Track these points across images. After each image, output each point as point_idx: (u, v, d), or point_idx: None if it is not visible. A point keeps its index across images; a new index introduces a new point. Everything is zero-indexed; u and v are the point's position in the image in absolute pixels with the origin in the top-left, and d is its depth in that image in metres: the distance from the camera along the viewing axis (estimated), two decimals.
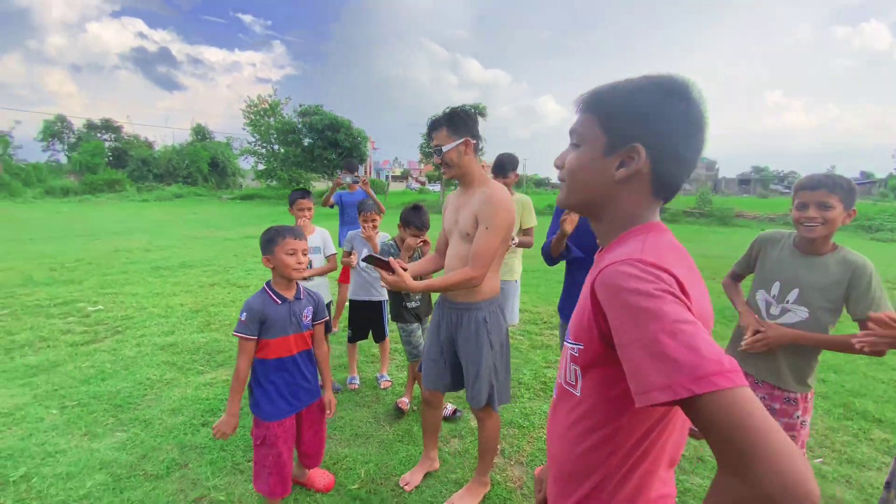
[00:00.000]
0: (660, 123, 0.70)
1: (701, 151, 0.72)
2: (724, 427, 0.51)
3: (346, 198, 4.41)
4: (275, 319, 1.78)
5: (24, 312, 4.80)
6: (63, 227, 13.02)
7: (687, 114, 0.69)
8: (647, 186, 0.74)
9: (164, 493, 2.12)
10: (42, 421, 2.71)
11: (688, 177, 0.74)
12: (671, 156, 0.71)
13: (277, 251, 1.78)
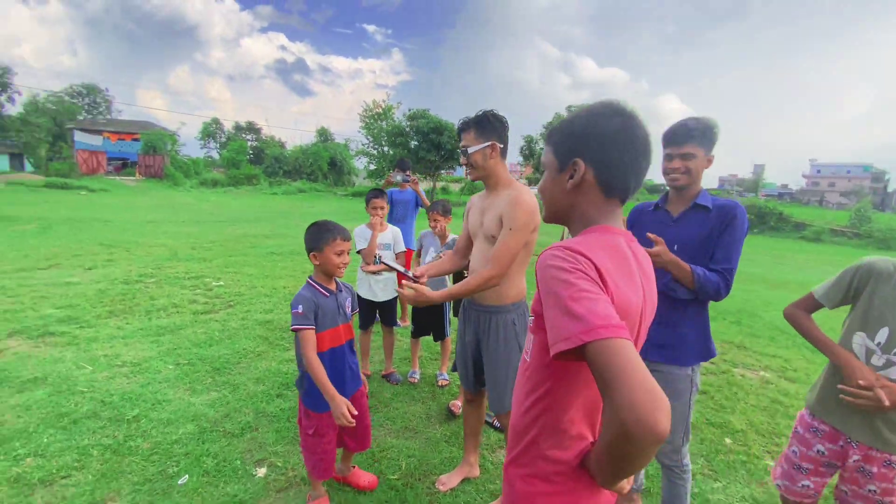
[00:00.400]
0: (592, 140, 0.86)
1: (641, 155, 0.86)
2: (602, 367, 0.65)
3: (395, 195, 4.55)
4: (326, 311, 1.85)
5: (165, 282, 5.78)
6: (208, 212, 15.41)
7: (618, 129, 0.85)
8: (596, 190, 0.89)
9: (235, 449, 2.41)
10: (159, 373, 3.25)
11: (636, 178, 0.88)
12: (609, 163, 0.86)
13: (327, 250, 1.84)
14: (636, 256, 0.91)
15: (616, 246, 0.86)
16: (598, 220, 0.90)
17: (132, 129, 34.01)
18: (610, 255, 0.82)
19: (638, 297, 0.85)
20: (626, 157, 0.85)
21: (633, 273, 0.86)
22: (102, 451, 2.31)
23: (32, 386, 2.92)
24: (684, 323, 1.73)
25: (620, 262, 0.84)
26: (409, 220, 4.54)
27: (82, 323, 4.16)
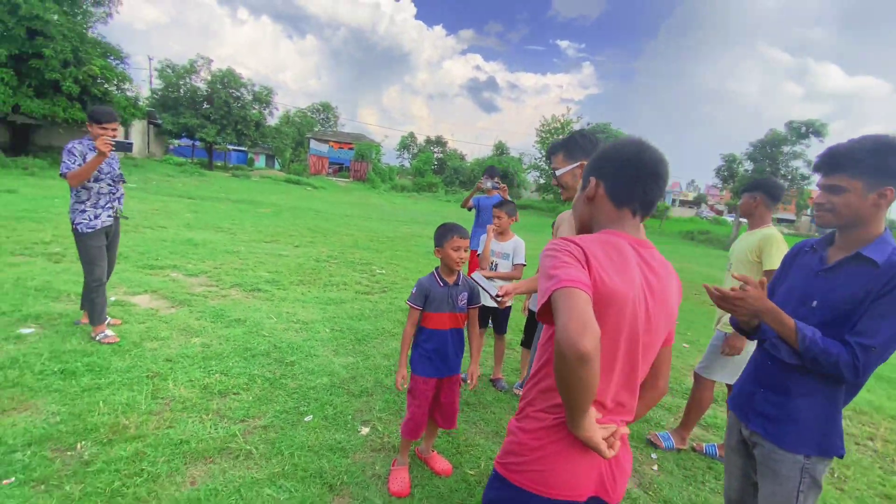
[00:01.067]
0: (606, 162, 1.10)
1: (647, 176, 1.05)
2: (555, 307, 0.86)
3: (482, 201, 4.66)
4: (435, 297, 2.13)
5: (344, 265, 6.92)
6: (391, 213, 17.70)
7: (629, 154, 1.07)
8: (608, 202, 1.09)
9: (351, 407, 2.79)
10: (318, 333, 3.95)
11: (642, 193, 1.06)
12: (616, 180, 1.08)
13: (446, 246, 2.12)
14: (644, 259, 1.04)
15: (614, 243, 1.02)
16: (607, 225, 1.09)
17: (349, 140, 41.31)
18: (603, 247, 0.99)
19: (629, 289, 0.97)
20: (631, 177, 1.06)
21: (626, 267, 0.99)
22: (263, 382, 2.96)
23: (236, 324, 3.89)
24: (796, 396, 1.38)
25: (613, 255, 0.99)
26: None
27: (280, 286, 5.31)
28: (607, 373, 0.99)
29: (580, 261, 0.93)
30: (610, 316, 0.95)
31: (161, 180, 17.40)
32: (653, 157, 1.04)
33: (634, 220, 1.08)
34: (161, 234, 7.31)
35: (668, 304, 1.05)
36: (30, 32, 13.85)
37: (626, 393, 1.04)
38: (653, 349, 1.06)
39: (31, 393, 2.53)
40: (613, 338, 0.97)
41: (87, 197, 3.23)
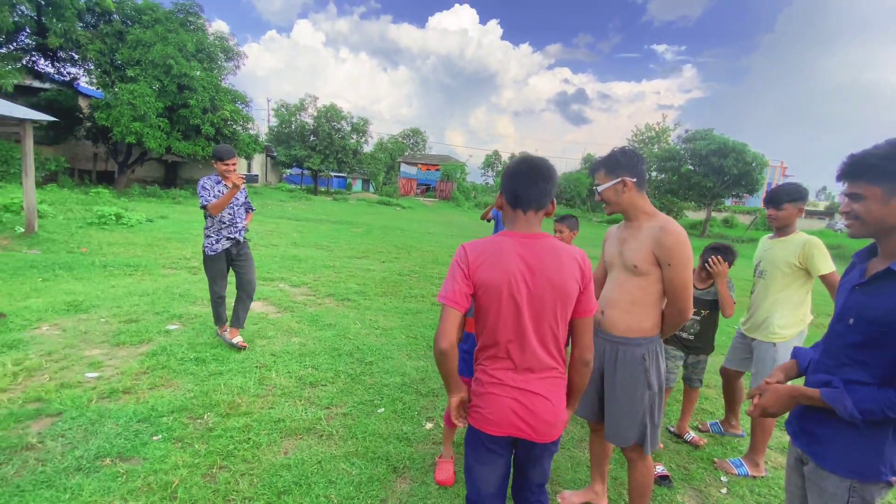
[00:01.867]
0: (502, 179, 1.49)
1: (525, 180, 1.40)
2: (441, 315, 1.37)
3: (499, 216, 4.57)
4: None
5: (423, 279, 7.38)
6: (472, 229, 18.12)
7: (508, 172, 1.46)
8: (508, 207, 1.46)
9: (418, 404, 3.09)
10: (395, 339, 4.35)
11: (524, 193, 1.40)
12: (507, 189, 1.44)
13: None
14: (528, 248, 1.37)
15: (496, 241, 1.39)
16: (508, 225, 1.45)
17: (436, 162, 43.11)
18: (483, 248, 1.38)
19: (502, 275, 1.35)
20: (515, 183, 1.42)
21: (500, 259, 1.36)
22: (346, 377, 3.39)
23: (328, 328, 4.45)
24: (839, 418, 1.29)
25: (489, 252, 1.37)
26: None
27: (366, 296, 5.88)
28: (503, 340, 1.39)
29: (462, 267, 1.37)
30: (491, 298, 1.35)
31: (275, 205, 19.83)
32: (530, 165, 1.40)
33: (527, 216, 1.41)
34: (273, 252, 8.44)
35: (551, 280, 1.35)
36: (179, 87, 16.92)
37: (529, 354, 1.38)
38: (544, 317, 1.36)
39: (174, 374, 3.22)
40: (498, 313, 1.36)
41: (211, 224, 3.69)
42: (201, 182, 3.64)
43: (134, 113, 15.59)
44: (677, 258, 1.71)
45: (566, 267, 1.38)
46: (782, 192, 2.63)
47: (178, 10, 18.08)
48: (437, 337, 1.32)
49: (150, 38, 16.53)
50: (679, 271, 1.72)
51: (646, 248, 1.77)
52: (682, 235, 1.73)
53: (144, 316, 4.35)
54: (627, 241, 1.87)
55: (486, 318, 1.39)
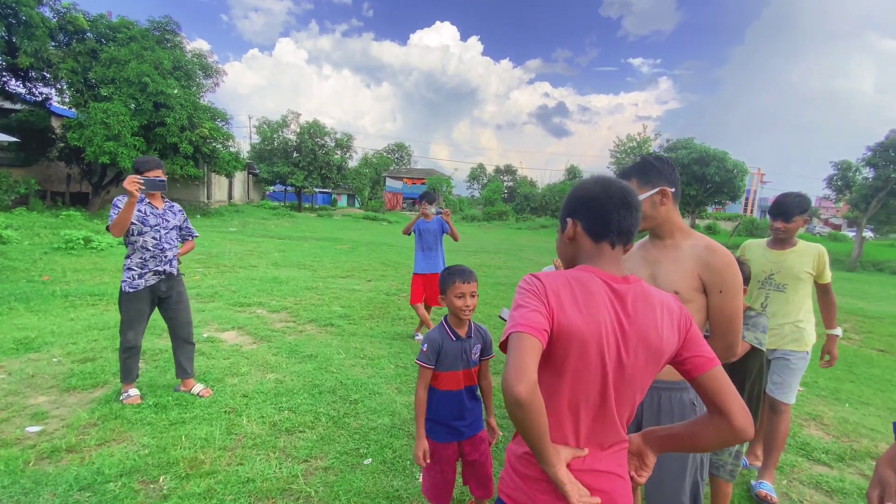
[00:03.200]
0: (575, 204, 1.13)
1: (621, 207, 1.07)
2: (508, 349, 0.93)
3: (422, 225, 4.81)
4: (448, 354, 1.88)
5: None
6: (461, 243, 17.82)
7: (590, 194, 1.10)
8: (586, 238, 1.10)
9: (410, 451, 2.72)
10: (383, 370, 3.98)
11: (616, 223, 1.07)
12: (590, 217, 1.09)
13: (449, 293, 1.89)
14: (618, 295, 1.02)
15: (583, 279, 1.02)
16: (585, 261, 1.10)
17: (421, 175, 42.99)
18: (568, 284, 1.01)
19: (593, 325, 0.97)
20: (603, 211, 1.07)
21: (592, 304, 0.99)
22: (328, 420, 3.01)
23: (308, 360, 4.06)
24: None
25: (578, 291, 1.01)
26: (438, 248, 4.83)
27: (351, 320, 5.50)
28: (572, 409, 1.01)
29: (542, 299, 0.97)
30: (572, 350, 0.97)
31: (257, 223, 19.31)
32: (620, 188, 1.09)
33: (614, 252, 1.09)
34: (252, 273, 8.01)
35: (647, 339, 1.00)
36: (155, 105, 16.45)
37: (602, 428, 1.03)
38: (631, 385, 1.02)
39: (128, 425, 2.80)
40: (578, 374, 0.99)
41: (132, 252, 3.03)
42: (115, 200, 2.96)
43: (107, 132, 15.07)
44: (730, 283, 1.46)
45: (663, 320, 1.04)
46: (792, 206, 2.57)
47: (154, 28, 17.73)
48: (511, 378, 0.87)
49: (125, 55, 16.11)
50: (731, 298, 1.46)
51: (690, 272, 1.49)
52: (731, 257, 1.48)
53: (102, 353, 3.91)
54: (661, 263, 1.58)
55: (555, 375, 1.00)
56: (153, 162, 3.05)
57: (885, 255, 21.04)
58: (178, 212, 3.32)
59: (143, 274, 3.06)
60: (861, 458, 3.02)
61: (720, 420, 0.98)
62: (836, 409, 3.83)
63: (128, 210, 2.84)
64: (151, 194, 3.13)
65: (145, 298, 3.09)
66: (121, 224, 2.86)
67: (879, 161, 19.54)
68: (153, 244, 3.08)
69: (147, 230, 3.05)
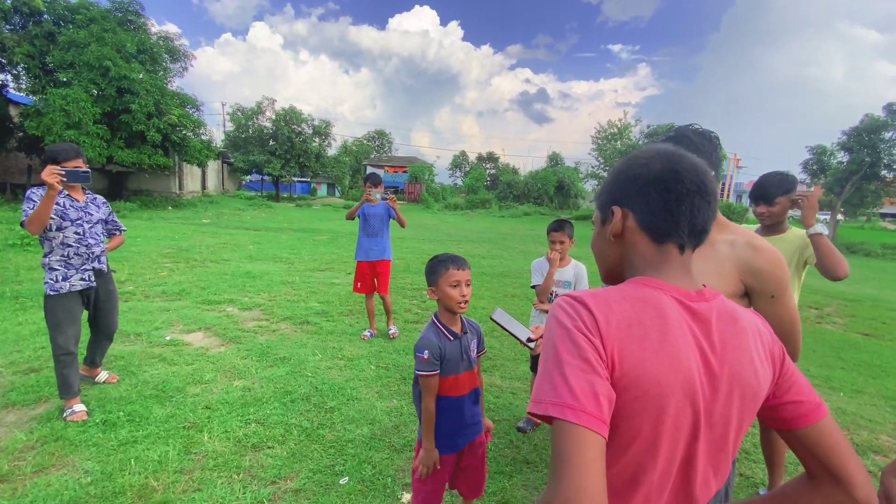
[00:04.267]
0: (629, 183, 0.79)
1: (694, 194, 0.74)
2: (554, 447, 0.62)
3: (368, 210, 4.52)
4: (449, 357, 1.70)
5: (393, 291, 6.72)
6: (444, 232, 17.58)
7: (659, 169, 0.76)
8: (643, 236, 0.78)
9: (392, 465, 2.47)
10: (362, 372, 3.71)
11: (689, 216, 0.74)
12: (648, 205, 0.76)
13: (441, 283, 1.69)
14: (699, 320, 0.71)
15: (651, 303, 0.70)
16: (643, 270, 0.78)
17: (403, 164, 42.32)
18: (632, 314, 0.68)
19: (673, 371, 0.66)
20: (670, 199, 0.75)
21: (669, 340, 0.67)
22: (300, 433, 2.74)
23: (280, 363, 3.76)
24: None
25: (649, 324, 0.68)
26: (385, 234, 4.59)
27: (329, 317, 5.20)
28: (647, 476, 0.68)
29: (595, 346, 0.64)
30: (646, 412, 0.65)
31: (232, 214, 18.64)
32: (693, 167, 0.75)
33: (683, 259, 0.77)
34: (224, 268, 7.59)
35: (740, 378, 0.71)
36: (119, 91, 15.56)
37: (688, 494, 0.72)
38: (725, 439, 0.72)
39: (70, 447, 2.48)
40: (653, 434, 0.66)
41: (50, 250, 2.74)
42: (28, 192, 2.66)
43: (68, 120, 14.20)
44: (784, 286, 1.22)
45: (757, 350, 0.74)
46: (772, 186, 2.24)
47: (115, 9, 16.69)
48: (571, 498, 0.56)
49: (85, 38, 15.15)
50: (786, 303, 1.23)
51: (729, 275, 1.24)
52: (777, 254, 1.24)
53: (49, 363, 3.52)
54: (695, 262, 1.31)
55: (625, 438, 0.67)
56: (72, 150, 2.73)
57: (857, 236, 21.60)
58: (103, 204, 3.08)
59: (67, 276, 2.80)
60: (863, 452, 2.90)
61: (832, 489, 0.71)
62: (832, 399, 3.73)
63: (46, 204, 2.53)
64: (71, 186, 2.81)
65: (74, 298, 2.84)
66: (38, 220, 2.55)
67: (854, 145, 19.94)
68: (75, 239, 2.81)
69: (67, 224, 2.78)
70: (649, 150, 0.80)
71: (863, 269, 14.30)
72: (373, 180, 4.43)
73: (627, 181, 0.79)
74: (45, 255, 2.79)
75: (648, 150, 0.80)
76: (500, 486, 2.36)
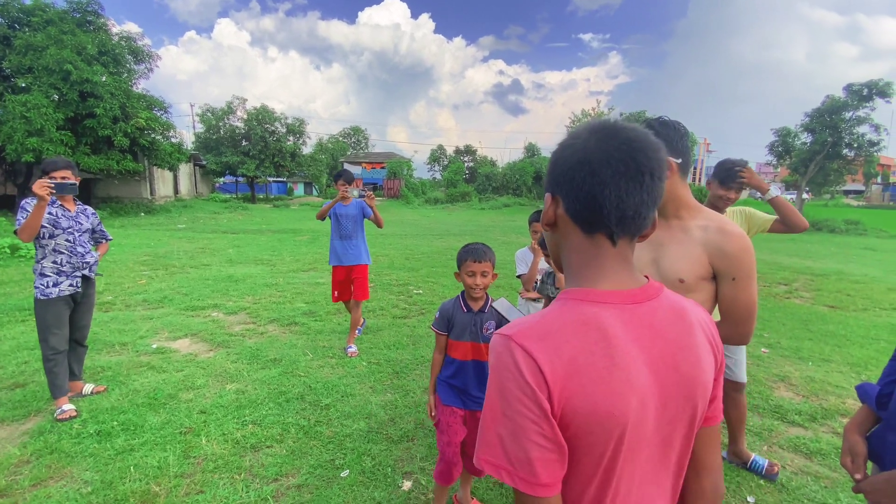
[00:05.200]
0: (558, 166, 0.72)
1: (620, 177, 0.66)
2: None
3: (340, 210, 4.23)
4: (457, 323, 2.01)
5: (380, 287, 6.77)
6: (426, 227, 17.61)
7: (584, 148, 0.69)
8: (572, 227, 0.72)
9: (391, 456, 2.55)
10: (354, 368, 3.76)
11: (619, 205, 0.67)
12: (572, 192, 0.69)
13: (462, 270, 1.99)
14: (644, 327, 0.68)
15: (588, 323, 0.65)
16: (582, 273, 0.72)
17: (381, 160, 42.00)
18: (574, 344, 0.64)
19: (620, 403, 0.63)
20: (592, 183, 0.67)
21: (615, 361, 0.64)
22: (297, 431, 2.78)
23: (271, 365, 3.78)
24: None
25: (591, 347, 0.64)
26: (359, 236, 4.30)
27: (317, 317, 5.21)
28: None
29: (536, 398, 0.60)
30: (593, 440, 0.63)
31: (208, 218, 18.25)
32: (626, 141, 0.66)
33: (618, 251, 0.70)
34: (204, 273, 7.48)
35: (687, 384, 0.69)
36: (82, 95, 15.01)
37: None
38: (671, 449, 0.72)
39: (67, 459, 2.47)
40: (597, 461, 0.64)
41: (43, 256, 2.90)
42: (21, 202, 2.81)
43: (29, 127, 13.64)
44: (746, 270, 1.30)
45: (701, 343, 0.73)
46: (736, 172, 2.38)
47: (73, 10, 16.06)
48: None
49: (42, 41, 14.55)
50: (746, 286, 1.31)
51: (699, 258, 1.33)
52: (747, 240, 1.32)
53: (34, 377, 3.47)
54: (666, 246, 1.39)
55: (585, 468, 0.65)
56: (61, 162, 2.92)
57: (822, 214, 22.52)
58: (92, 215, 3.23)
59: (58, 282, 2.94)
60: (832, 416, 3.11)
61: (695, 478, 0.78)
62: (801, 369, 3.96)
63: (37, 214, 2.73)
64: (63, 197, 2.97)
65: (63, 302, 2.98)
66: (30, 229, 2.75)
67: (816, 126, 20.70)
68: (67, 247, 2.97)
69: (59, 233, 2.94)
70: (588, 125, 0.71)
71: (827, 244, 14.95)
72: (345, 177, 4.21)
73: (557, 163, 0.72)
74: (37, 260, 2.93)
75: (587, 125, 0.72)
76: None
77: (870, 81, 19.33)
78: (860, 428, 1.30)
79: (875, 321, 5.55)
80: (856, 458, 1.25)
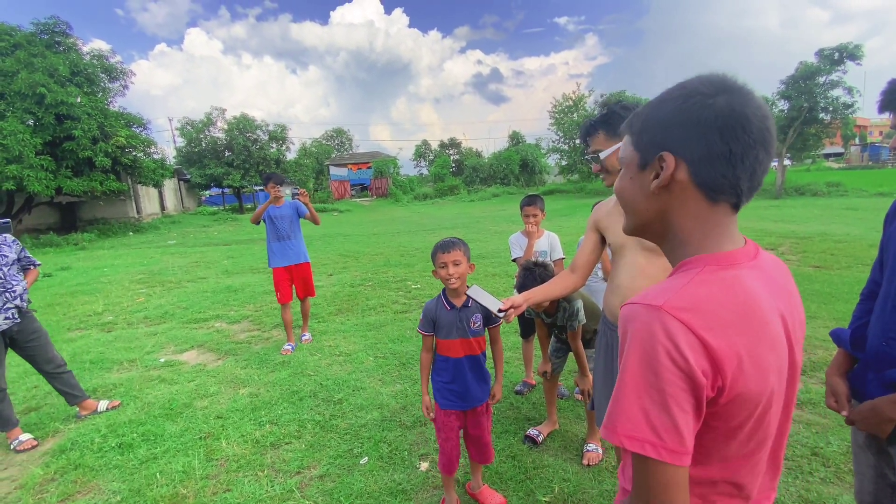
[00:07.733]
0: (687, 127, 0.65)
1: (758, 145, 0.64)
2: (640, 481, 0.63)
3: (273, 212, 4.25)
4: (443, 322, 1.97)
5: (379, 286, 6.86)
6: (417, 223, 17.68)
7: (723, 112, 0.63)
8: (695, 192, 0.68)
9: (406, 440, 2.65)
10: (362, 364, 3.85)
11: (751, 175, 0.65)
12: (710, 157, 0.65)
13: (435, 265, 1.97)
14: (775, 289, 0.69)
15: (735, 291, 0.64)
16: (704, 242, 0.69)
17: (366, 160, 41.82)
18: (731, 317, 0.62)
19: (769, 376, 0.64)
20: (735, 149, 0.63)
21: (764, 327, 0.64)
22: (314, 426, 2.88)
23: (280, 367, 3.86)
24: None
25: (744, 318, 0.63)
26: (296, 235, 4.36)
27: (319, 318, 5.29)
28: (750, 470, 0.70)
29: (693, 378, 0.59)
30: (744, 417, 0.65)
31: (197, 232, 18.14)
32: (761, 108, 0.64)
33: (734, 218, 0.70)
34: (202, 286, 7.51)
35: (803, 332, 0.74)
36: (58, 118, 14.80)
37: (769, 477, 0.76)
38: (790, 408, 0.74)
39: (92, 473, 2.54)
40: (750, 434, 0.67)
41: None
42: None
43: (7, 154, 13.44)
44: None
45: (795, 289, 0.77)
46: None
47: (41, 31, 15.76)
48: None
49: (12, 66, 14.31)
50: None
51: None
52: None
53: (47, 399, 3.52)
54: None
55: (723, 443, 0.67)
56: None
57: (804, 179, 22.93)
58: (13, 243, 3.08)
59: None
60: (820, 368, 3.27)
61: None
62: None
63: None
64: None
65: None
66: None
67: (791, 93, 20.99)
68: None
69: None
70: (709, 81, 0.65)
71: (811, 207, 15.26)
72: (275, 179, 4.25)
73: (684, 123, 0.65)
74: None
75: (708, 81, 0.65)
76: (508, 443, 2.58)
77: (840, 45, 19.61)
78: (839, 370, 1.41)
79: (858, 276, 5.75)
80: (839, 398, 1.36)
